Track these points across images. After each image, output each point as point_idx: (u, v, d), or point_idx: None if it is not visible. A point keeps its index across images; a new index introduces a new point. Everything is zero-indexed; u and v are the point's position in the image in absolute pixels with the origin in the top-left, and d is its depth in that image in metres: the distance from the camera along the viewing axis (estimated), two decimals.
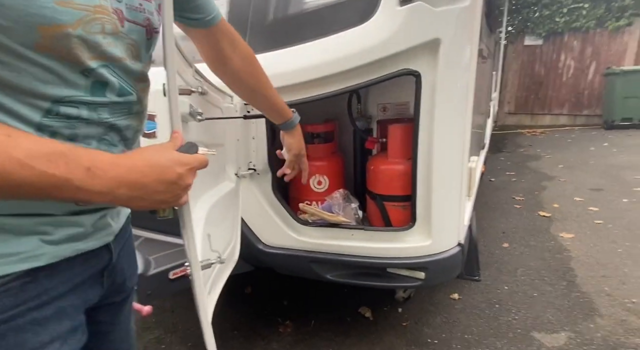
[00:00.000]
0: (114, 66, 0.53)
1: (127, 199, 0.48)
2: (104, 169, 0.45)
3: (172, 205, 0.55)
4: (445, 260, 1.35)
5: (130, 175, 0.47)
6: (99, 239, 0.60)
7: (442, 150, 1.25)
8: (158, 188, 0.49)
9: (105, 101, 0.53)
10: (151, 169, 0.49)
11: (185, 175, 0.52)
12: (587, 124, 7.22)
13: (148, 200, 0.50)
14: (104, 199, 0.46)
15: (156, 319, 1.94)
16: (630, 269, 2.21)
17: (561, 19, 7.00)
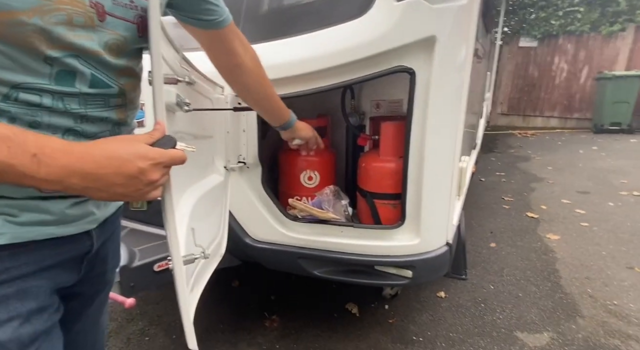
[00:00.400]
0: (87, 58, 0.52)
1: (81, 189, 0.46)
2: (52, 156, 0.43)
3: (137, 200, 0.53)
4: (433, 259, 1.35)
5: (83, 165, 0.45)
6: (77, 226, 0.60)
7: (433, 149, 1.24)
8: (116, 181, 0.47)
9: (73, 91, 0.52)
10: (109, 160, 0.47)
11: (148, 170, 0.49)
12: (577, 127, 7.32)
13: (106, 192, 0.48)
14: (54, 187, 0.45)
15: (141, 311, 1.91)
16: (613, 272, 2.25)
17: (556, 22, 7.04)
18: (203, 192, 1.05)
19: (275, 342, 1.70)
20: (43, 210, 0.54)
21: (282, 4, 1.27)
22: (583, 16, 6.84)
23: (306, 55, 1.19)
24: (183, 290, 0.69)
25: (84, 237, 0.63)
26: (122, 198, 0.50)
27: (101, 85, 0.55)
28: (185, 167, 1.01)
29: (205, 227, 1.03)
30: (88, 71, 0.53)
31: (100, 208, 0.65)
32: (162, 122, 0.58)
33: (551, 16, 7.06)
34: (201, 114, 1.06)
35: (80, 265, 0.64)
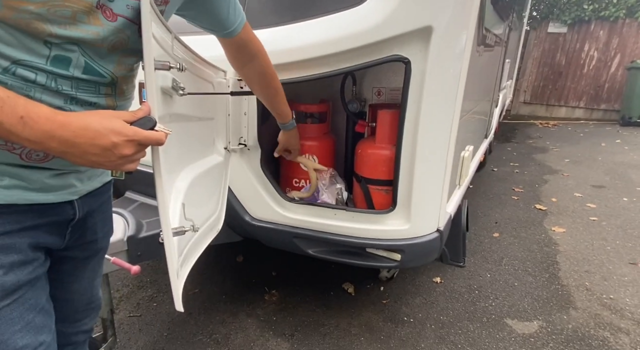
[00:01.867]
0: (86, 48, 0.58)
1: (59, 153, 0.52)
2: (37, 121, 0.49)
3: (111, 169, 0.59)
4: (422, 244, 1.40)
5: (62, 132, 0.51)
6: (58, 195, 0.66)
7: (426, 138, 1.27)
8: (90, 150, 0.53)
9: (67, 74, 0.57)
10: (84, 131, 0.52)
11: (121, 145, 0.54)
12: (603, 118, 7.04)
13: (81, 158, 0.54)
14: (35, 146, 0.51)
15: (150, 279, 2.06)
16: (614, 267, 2.24)
17: (589, 7, 6.68)
18: (202, 171, 1.13)
19: (273, 315, 1.81)
20: (23, 177, 0.60)
21: None
22: (619, 1, 6.46)
23: (304, 42, 1.23)
24: (172, 259, 0.77)
25: (66, 206, 0.69)
26: (97, 165, 0.56)
27: (94, 73, 0.61)
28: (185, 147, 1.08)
29: (201, 203, 1.11)
30: (83, 59, 0.58)
31: (83, 182, 0.71)
32: (148, 103, 0.64)
33: (584, 0, 6.70)
34: (202, 96, 1.12)
35: (64, 231, 0.71)
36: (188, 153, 1.08)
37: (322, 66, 1.24)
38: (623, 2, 6.43)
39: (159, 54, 0.78)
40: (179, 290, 0.81)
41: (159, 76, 0.79)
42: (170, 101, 0.90)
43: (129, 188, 1.78)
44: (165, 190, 0.75)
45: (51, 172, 0.64)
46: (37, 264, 0.66)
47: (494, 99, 3.19)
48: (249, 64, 1.04)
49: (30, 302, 0.64)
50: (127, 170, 0.60)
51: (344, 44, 1.18)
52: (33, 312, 0.64)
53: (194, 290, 1.97)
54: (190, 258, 0.99)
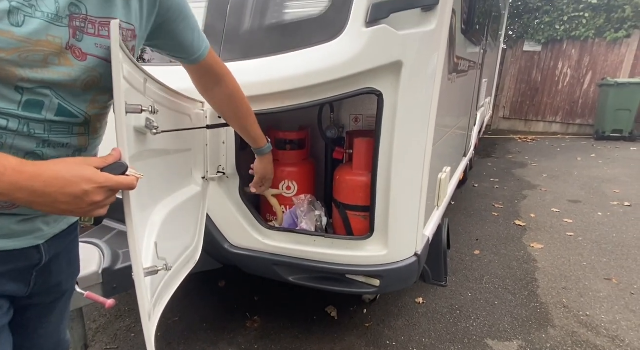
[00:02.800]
0: (59, 89, 0.59)
1: (26, 203, 0.52)
2: (4, 172, 0.49)
3: (81, 216, 0.59)
4: (400, 269, 1.41)
5: (31, 182, 0.50)
6: (24, 241, 0.65)
7: (400, 166, 1.31)
8: (60, 199, 0.52)
9: (39, 118, 0.58)
10: (55, 180, 0.52)
11: (92, 192, 0.54)
12: (579, 133, 7.30)
13: (50, 207, 0.53)
14: (2, 198, 0.50)
15: (129, 307, 2.01)
16: (590, 283, 2.30)
17: (561, 27, 7.01)
18: (178, 203, 1.13)
19: (254, 343, 1.78)
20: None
21: (260, 26, 1.33)
22: (588, 22, 6.80)
23: (280, 75, 1.26)
24: (144, 301, 0.77)
25: (32, 251, 0.68)
26: (67, 213, 0.55)
27: (67, 114, 0.61)
28: (161, 181, 1.09)
29: (177, 237, 1.11)
30: (56, 101, 0.59)
31: (49, 225, 0.70)
32: (118, 149, 0.64)
33: (556, 21, 7.03)
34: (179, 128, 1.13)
35: (29, 277, 0.69)
36: (164, 187, 1.09)
37: (298, 98, 1.27)
38: (592, 23, 6.77)
39: (131, 96, 0.80)
40: (151, 333, 0.80)
41: (131, 118, 0.80)
42: (144, 139, 0.92)
43: (107, 216, 1.75)
44: (137, 232, 0.76)
45: (17, 217, 0.64)
46: (1, 314, 0.65)
47: (472, 119, 3.29)
48: (216, 88, 1.02)
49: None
50: (97, 215, 0.59)
51: (319, 77, 1.22)
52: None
53: (174, 319, 1.93)
54: (165, 296, 0.99)
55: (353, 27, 1.19)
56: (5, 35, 0.50)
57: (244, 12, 1.34)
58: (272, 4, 1.33)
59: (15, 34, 0.51)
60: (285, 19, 1.31)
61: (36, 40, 0.53)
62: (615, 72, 6.79)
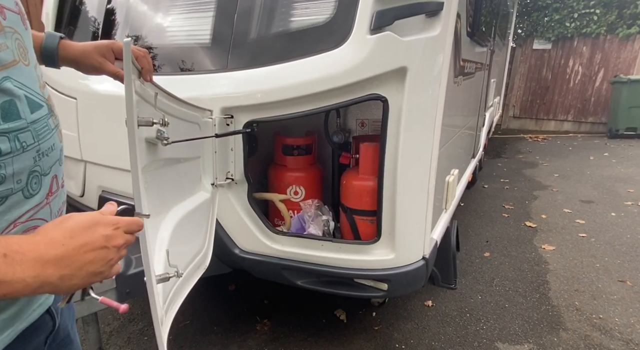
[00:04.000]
0: (14, 74, 0.47)
1: (58, 279, 0.43)
2: (22, 251, 0.40)
3: (104, 277, 0.49)
4: (408, 273, 1.42)
5: (54, 250, 0.42)
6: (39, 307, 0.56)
7: (406, 170, 1.31)
8: (87, 258, 0.45)
9: (22, 124, 0.48)
10: (73, 239, 0.44)
11: (112, 236, 0.48)
12: (591, 131, 7.18)
13: (80, 276, 0.45)
14: (31, 288, 0.40)
15: (142, 311, 2.05)
16: (603, 285, 2.26)
17: (571, 24, 6.91)
18: (188, 210, 1.16)
19: (264, 346, 1.80)
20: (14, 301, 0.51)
21: (266, 34, 1.36)
22: (599, 18, 6.69)
23: (286, 82, 1.28)
24: (156, 307, 0.80)
25: (46, 318, 0.59)
26: (95, 277, 0.47)
27: (36, 106, 0.51)
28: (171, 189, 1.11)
29: (187, 243, 1.14)
30: (22, 92, 0.48)
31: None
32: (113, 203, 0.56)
33: (566, 18, 6.93)
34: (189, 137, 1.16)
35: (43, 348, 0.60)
36: (174, 194, 1.11)
37: (304, 105, 1.29)
38: (603, 19, 6.66)
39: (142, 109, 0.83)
40: (163, 338, 0.83)
41: (142, 130, 0.83)
42: (155, 149, 0.94)
43: None
44: (149, 240, 0.78)
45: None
46: None
47: (480, 119, 3.27)
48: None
49: None
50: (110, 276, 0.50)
51: (324, 85, 1.23)
52: None
53: (185, 322, 1.97)
54: (176, 301, 1.01)
55: (357, 34, 1.20)
56: None
57: (251, 21, 1.37)
58: (278, 13, 1.35)
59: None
60: (291, 28, 1.33)
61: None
62: (628, 69, 6.67)
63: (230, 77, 1.36)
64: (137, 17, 1.68)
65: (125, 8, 1.70)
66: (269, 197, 1.61)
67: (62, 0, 1.89)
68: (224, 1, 1.43)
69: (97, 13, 1.79)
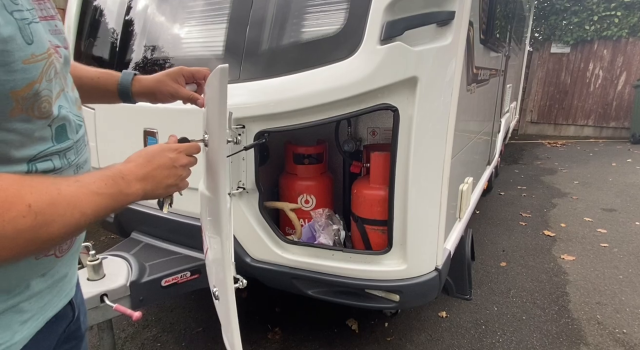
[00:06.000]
0: (62, 101, 0.53)
1: (150, 190, 0.60)
2: (129, 173, 0.57)
3: (179, 188, 0.66)
4: (420, 284, 1.40)
5: (141, 171, 0.59)
6: (65, 297, 0.62)
7: (418, 180, 1.30)
8: (162, 174, 0.62)
9: (69, 144, 0.55)
10: (150, 162, 0.62)
11: (176, 158, 0.65)
12: (613, 136, 6.96)
13: (161, 187, 0.62)
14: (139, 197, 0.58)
15: (155, 318, 2.07)
16: (627, 297, 2.18)
17: (591, 27, 6.75)
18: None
19: None
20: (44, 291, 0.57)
21: (277, 46, 1.37)
22: (620, 21, 6.51)
23: (297, 93, 1.29)
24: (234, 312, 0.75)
25: (67, 309, 0.64)
26: (172, 188, 0.64)
27: (78, 126, 0.58)
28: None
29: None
30: (70, 117, 0.54)
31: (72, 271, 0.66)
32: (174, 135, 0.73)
33: (585, 21, 6.78)
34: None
35: (62, 337, 0.64)
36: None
37: (315, 115, 1.29)
38: (625, 22, 6.49)
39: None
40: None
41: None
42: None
43: (134, 229, 1.83)
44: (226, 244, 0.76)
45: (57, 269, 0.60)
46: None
47: (496, 126, 3.21)
48: None
49: None
50: (183, 187, 0.68)
51: (335, 95, 1.24)
52: None
53: (197, 329, 1.98)
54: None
55: (368, 44, 1.20)
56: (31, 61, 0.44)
57: (263, 33, 1.39)
58: (289, 24, 1.37)
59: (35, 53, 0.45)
60: (302, 38, 1.34)
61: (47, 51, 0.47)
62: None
63: (243, 87, 1.38)
64: (153, 29, 1.72)
65: (142, 20, 1.75)
66: (280, 206, 1.62)
67: (83, 14, 1.96)
68: (237, 13, 1.46)
69: (115, 25, 1.85)
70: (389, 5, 1.16)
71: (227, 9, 1.49)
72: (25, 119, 0.47)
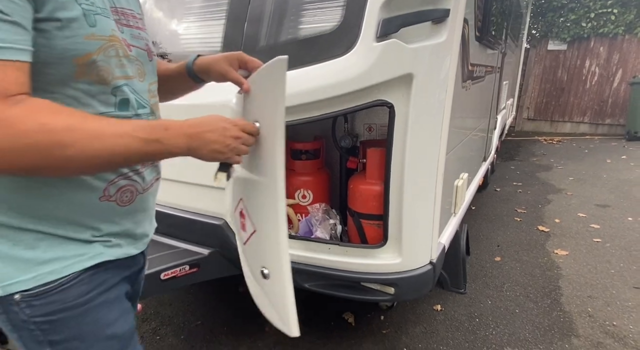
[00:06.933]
0: (131, 84, 0.68)
1: (194, 148, 0.64)
2: (175, 128, 0.62)
3: (226, 158, 0.68)
4: (415, 277, 1.43)
5: (189, 129, 0.63)
6: (139, 246, 0.77)
7: (413, 175, 1.32)
8: (209, 137, 0.65)
9: (129, 115, 0.68)
10: (201, 124, 0.65)
11: (229, 128, 0.67)
12: (609, 133, 7.02)
13: (206, 149, 0.65)
14: (182, 151, 0.63)
15: (154, 311, 2.10)
16: (618, 291, 2.22)
17: (587, 24, 6.78)
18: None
19: (273, 347, 1.83)
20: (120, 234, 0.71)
21: (275, 42, 1.39)
22: (617, 18, 6.55)
23: (294, 89, 1.30)
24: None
25: (139, 257, 0.80)
26: (219, 154, 0.66)
27: (141, 106, 0.70)
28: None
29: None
30: (133, 97, 0.68)
31: (149, 232, 0.81)
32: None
33: (582, 18, 6.80)
34: None
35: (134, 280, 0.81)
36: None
37: (311, 111, 1.31)
38: (621, 19, 6.52)
39: None
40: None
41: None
42: None
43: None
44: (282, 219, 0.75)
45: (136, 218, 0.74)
46: (132, 316, 0.76)
47: (492, 122, 3.24)
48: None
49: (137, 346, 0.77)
50: (236, 161, 0.70)
51: (332, 91, 1.25)
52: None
53: (196, 322, 2.01)
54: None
55: (364, 42, 1.22)
56: (91, 38, 0.59)
57: (260, 29, 1.40)
58: (287, 21, 1.38)
59: (95, 33, 0.59)
60: (299, 35, 1.36)
61: (109, 36, 0.62)
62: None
63: None
64: (151, 24, 1.73)
65: None
66: None
67: None
68: (235, 9, 1.47)
69: None
70: (385, 3, 1.18)
71: (225, 5, 1.50)
72: (88, 82, 0.61)
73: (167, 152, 0.62)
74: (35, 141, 0.50)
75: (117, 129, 0.57)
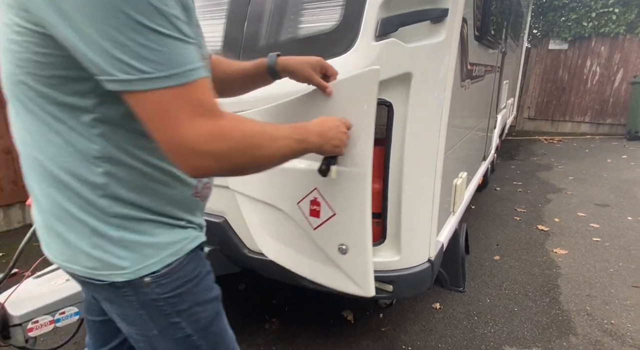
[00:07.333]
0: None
1: (322, 144, 0.78)
2: (310, 129, 0.76)
3: (340, 151, 0.85)
4: (413, 275, 1.44)
5: (318, 128, 0.78)
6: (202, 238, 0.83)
7: (412, 174, 1.33)
8: (330, 135, 0.81)
9: None
10: (323, 124, 0.81)
11: (340, 126, 0.84)
12: (609, 133, 7.02)
13: (329, 144, 0.81)
14: (316, 148, 0.77)
15: None
16: (616, 290, 2.23)
17: (589, 24, 6.77)
18: None
19: (273, 345, 1.84)
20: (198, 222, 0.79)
21: (275, 42, 1.40)
22: (618, 17, 6.54)
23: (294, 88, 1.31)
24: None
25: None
26: (336, 148, 0.83)
27: None
28: None
29: None
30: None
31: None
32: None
33: (583, 18, 6.80)
34: None
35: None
36: None
37: None
38: (623, 18, 6.51)
39: None
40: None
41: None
42: None
43: None
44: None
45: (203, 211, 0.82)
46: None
47: (492, 122, 3.25)
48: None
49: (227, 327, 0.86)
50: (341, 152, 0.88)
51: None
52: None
53: None
54: None
55: (363, 41, 1.23)
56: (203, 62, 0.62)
57: (260, 29, 1.41)
58: (287, 20, 1.39)
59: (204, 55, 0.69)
60: (299, 34, 1.37)
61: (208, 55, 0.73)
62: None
63: None
64: None
65: None
66: None
67: None
68: (235, 8, 1.48)
69: None
70: (384, 3, 1.19)
71: (226, 5, 1.51)
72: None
73: (306, 150, 0.74)
74: (243, 146, 0.61)
75: (282, 132, 0.69)
